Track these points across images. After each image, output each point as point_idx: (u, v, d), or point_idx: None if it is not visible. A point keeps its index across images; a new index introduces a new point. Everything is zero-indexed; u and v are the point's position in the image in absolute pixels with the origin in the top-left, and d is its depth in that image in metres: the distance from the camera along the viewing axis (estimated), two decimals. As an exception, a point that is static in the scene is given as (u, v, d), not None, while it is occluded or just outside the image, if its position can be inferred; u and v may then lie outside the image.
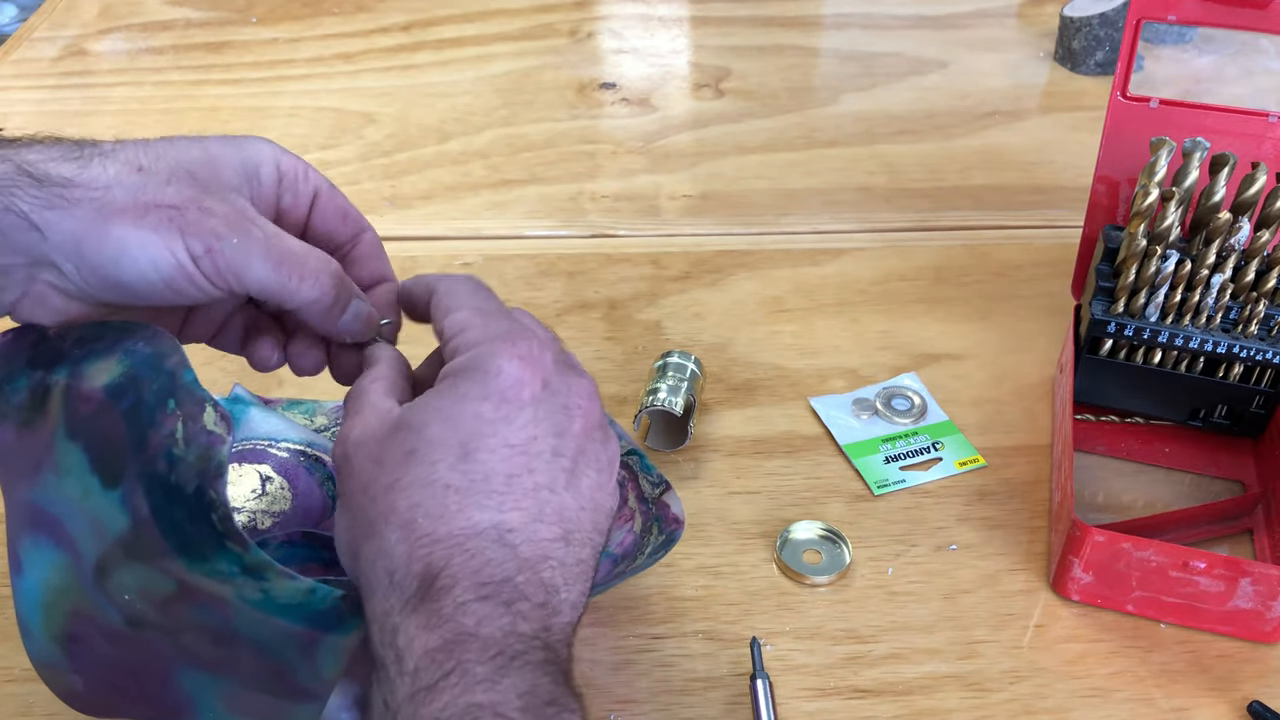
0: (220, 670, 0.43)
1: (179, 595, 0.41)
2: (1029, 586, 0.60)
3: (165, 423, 0.40)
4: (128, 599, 0.41)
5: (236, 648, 0.42)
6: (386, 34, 1.20)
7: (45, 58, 1.16)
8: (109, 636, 0.42)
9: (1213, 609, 0.56)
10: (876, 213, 0.91)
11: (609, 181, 0.96)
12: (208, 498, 0.40)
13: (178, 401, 0.40)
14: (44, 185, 0.38)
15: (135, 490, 0.40)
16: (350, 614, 0.41)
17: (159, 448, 0.40)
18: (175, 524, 0.40)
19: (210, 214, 0.40)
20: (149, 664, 0.43)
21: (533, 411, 0.40)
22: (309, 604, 0.41)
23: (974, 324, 0.79)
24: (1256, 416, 0.67)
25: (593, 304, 0.81)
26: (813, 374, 0.74)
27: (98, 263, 0.39)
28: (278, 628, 0.41)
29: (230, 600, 0.41)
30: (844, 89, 1.10)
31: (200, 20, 1.23)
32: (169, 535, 0.40)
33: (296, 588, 0.41)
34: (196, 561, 0.40)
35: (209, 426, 0.40)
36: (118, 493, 0.40)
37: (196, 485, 0.40)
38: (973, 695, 0.55)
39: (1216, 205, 0.64)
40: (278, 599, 0.41)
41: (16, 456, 0.42)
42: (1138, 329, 0.65)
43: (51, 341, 0.42)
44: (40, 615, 0.43)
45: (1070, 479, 0.60)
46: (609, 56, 1.18)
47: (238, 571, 0.40)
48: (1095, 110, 1.03)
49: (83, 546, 0.41)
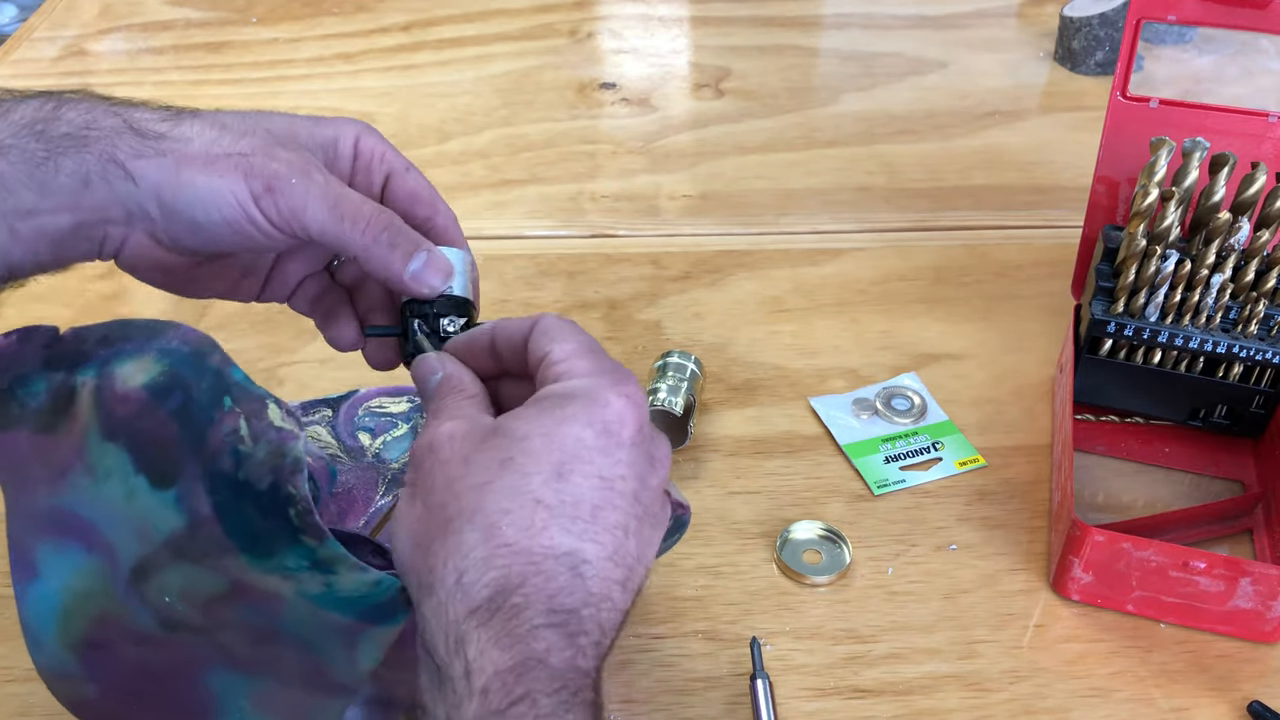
0: (254, 669, 0.42)
1: (229, 595, 0.41)
2: (1029, 586, 0.60)
3: (225, 421, 0.40)
4: (167, 601, 0.41)
5: (277, 645, 0.42)
6: (386, 34, 1.20)
7: (45, 58, 1.16)
8: (137, 640, 0.42)
9: (1213, 609, 0.57)
10: (876, 213, 0.91)
11: (609, 181, 0.96)
12: (284, 493, 0.39)
13: (234, 399, 0.40)
14: (143, 138, 0.42)
15: (195, 489, 0.40)
16: (404, 605, 0.41)
17: (221, 446, 0.39)
18: (243, 521, 0.40)
19: (275, 158, 0.43)
20: (177, 667, 0.43)
21: (628, 452, 0.39)
22: (371, 596, 0.41)
23: (974, 324, 0.79)
24: (1256, 416, 0.67)
25: (593, 304, 0.81)
26: (813, 374, 0.74)
27: (174, 208, 0.42)
28: (326, 621, 0.41)
29: (286, 597, 0.41)
30: (844, 89, 1.10)
31: (200, 20, 1.23)
32: (234, 533, 0.40)
33: (364, 580, 0.41)
34: (261, 558, 0.40)
35: (277, 423, 0.40)
36: (170, 493, 0.40)
37: (271, 481, 0.39)
38: (973, 695, 0.55)
39: (1216, 205, 0.64)
40: (340, 592, 0.41)
41: (33, 462, 0.42)
42: (1138, 329, 0.65)
43: (68, 342, 0.42)
44: (56, 623, 0.42)
45: (1070, 479, 0.60)
46: (609, 56, 1.18)
47: (306, 566, 0.40)
48: (1095, 110, 1.03)
49: (121, 549, 0.41)
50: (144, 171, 0.42)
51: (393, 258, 0.45)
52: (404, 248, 0.45)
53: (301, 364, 0.74)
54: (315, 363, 0.74)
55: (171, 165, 0.42)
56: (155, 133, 0.42)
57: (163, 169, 0.42)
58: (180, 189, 0.42)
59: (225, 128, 0.43)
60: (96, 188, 0.41)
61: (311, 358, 0.75)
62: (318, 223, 0.43)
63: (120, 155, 0.41)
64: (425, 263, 0.45)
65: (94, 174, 0.41)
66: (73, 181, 0.41)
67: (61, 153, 0.41)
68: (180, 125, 0.43)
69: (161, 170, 0.42)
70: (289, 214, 0.43)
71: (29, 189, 0.41)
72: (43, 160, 0.41)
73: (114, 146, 0.41)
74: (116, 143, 0.41)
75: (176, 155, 0.42)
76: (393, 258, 0.45)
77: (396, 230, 0.45)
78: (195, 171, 0.42)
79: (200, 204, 0.42)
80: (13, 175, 0.41)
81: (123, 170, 0.41)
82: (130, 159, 0.41)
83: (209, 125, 0.43)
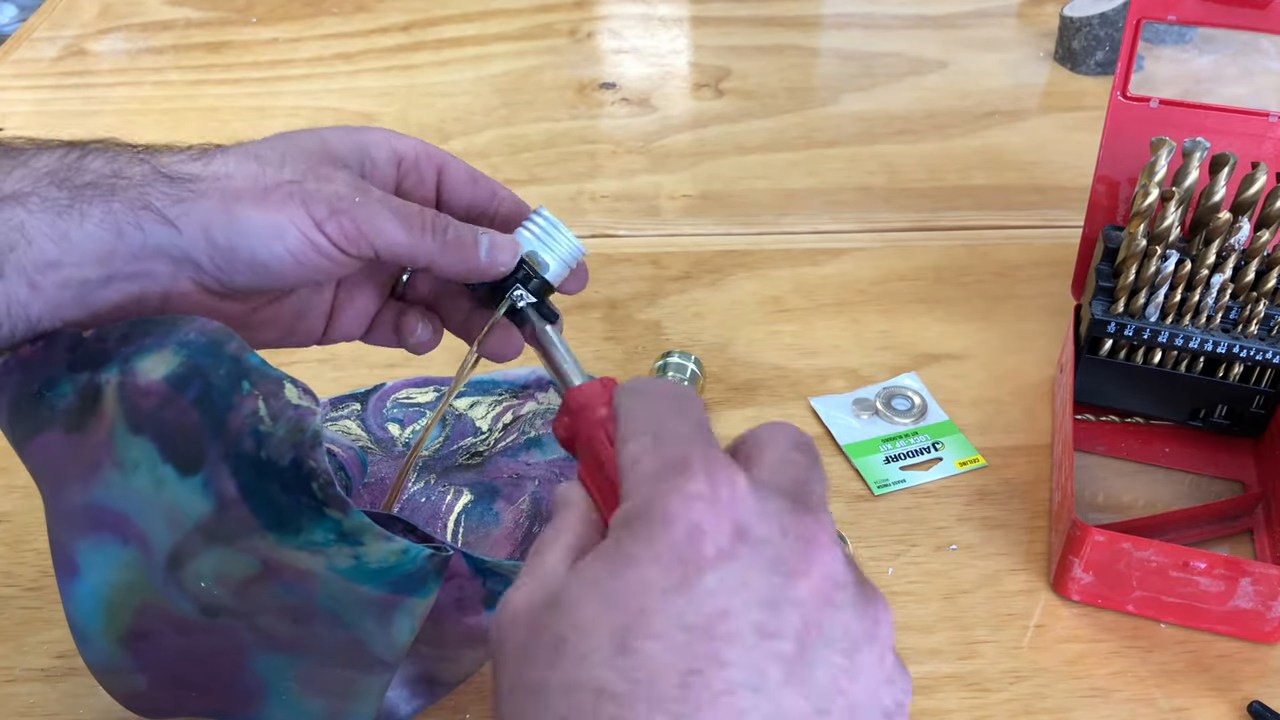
0: (296, 649, 0.43)
1: (261, 575, 0.41)
2: (1029, 586, 0.60)
3: (244, 404, 0.40)
4: (204, 586, 0.41)
5: (315, 623, 0.42)
6: (386, 34, 1.20)
7: (45, 58, 1.16)
8: (180, 628, 0.43)
9: (1213, 609, 0.56)
10: (876, 213, 0.91)
11: (609, 181, 0.96)
12: (306, 467, 0.40)
13: (252, 382, 0.40)
14: (175, 183, 0.40)
15: (219, 473, 0.40)
16: (434, 574, 0.42)
17: (242, 428, 0.40)
18: (268, 499, 0.40)
19: (329, 180, 0.41)
20: (222, 652, 0.43)
21: (723, 574, 0.28)
22: (399, 565, 0.41)
23: (974, 324, 0.79)
24: (1256, 416, 0.67)
25: (593, 304, 0.81)
26: (813, 374, 0.74)
27: (228, 247, 0.40)
28: (360, 596, 0.42)
29: (317, 573, 0.41)
30: (844, 89, 1.10)
31: (200, 20, 1.23)
32: (260, 511, 0.40)
33: (390, 549, 0.41)
34: (289, 535, 0.41)
35: (294, 401, 0.40)
36: (198, 478, 0.40)
37: (293, 457, 0.40)
38: (973, 695, 0.55)
39: (1216, 205, 0.64)
40: (369, 564, 0.41)
41: (67, 461, 0.42)
42: (1138, 329, 0.65)
43: (90, 344, 0.42)
44: (102, 618, 0.43)
45: (1070, 479, 0.60)
46: (609, 56, 1.18)
47: (333, 539, 0.41)
48: (1095, 110, 1.03)
49: (154, 539, 0.41)
50: (183, 215, 0.40)
51: (465, 252, 0.44)
52: (468, 237, 0.44)
53: (300, 364, 0.74)
54: (314, 362, 0.74)
55: (218, 205, 0.40)
56: (188, 175, 0.41)
57: (209, 210, 0.40)
58: (234, 226, 0.40)
59: (261, 158, 0.42)
60: (130, 237, 0.39)
61: (310, 357, 0.74)
62: (385, 237, 0.42)
63: (156, 202, 0.39)
64: (490, 244, 0.45)
65: (126, 223, 0.39)
66: (102, 231, 0.39)
67: (87, 201, 0.39)
68: (212, 164, 0.41)
69: (208, 211, 0.40)
70: (356, 234, 0.41)
71: (50, 239, 0.38)
72: (65, 208, 0.38)
73: (146, 194, 0.40)
74: (148, 190, 0.40)
75: (220, 193, 0.40)
76: (465, 252, 0.44)
77: (455, 225, 0.44)
78: (248, 207, 0.40)
79: (260, 239, 0.40)
80: (33, 224, 0.38)
81: (160, 217, 0.40)
82: (168, 205, 0.40)
83: (243, 158, 0.42)
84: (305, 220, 0.41)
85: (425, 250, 0.43)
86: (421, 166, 0.47)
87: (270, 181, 0.41)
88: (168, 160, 0.41)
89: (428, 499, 0.61)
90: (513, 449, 0.63)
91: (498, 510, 0.61)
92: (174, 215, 0.40)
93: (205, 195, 0.40)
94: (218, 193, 0.40)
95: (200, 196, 0.40)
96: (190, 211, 0.40)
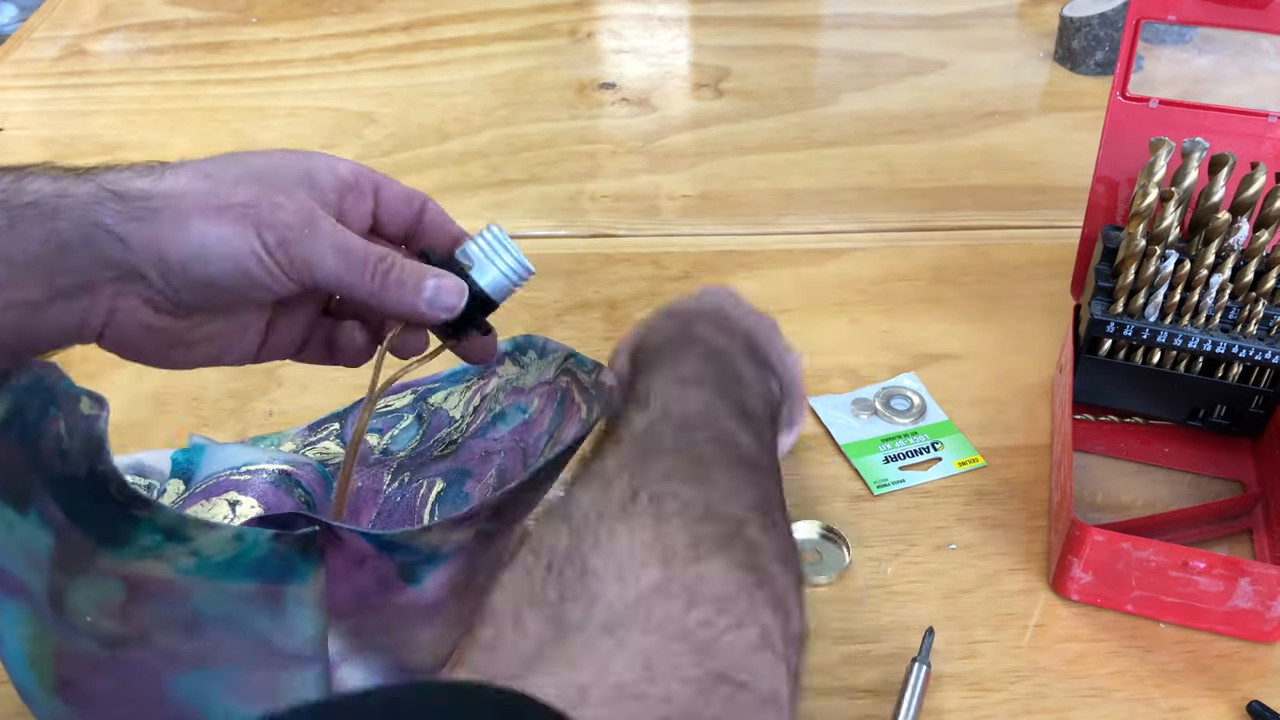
0: (207, 663, 0.42)
1: (131, 595, 0.41)
2: (1029, 586, 0.60)
3: (50, 428, 0.39)
4: (89, 620, 0.41)
5: (209, 632, 0.42)
6: (386, 34, 1.20)
7: (45, 57, 1.16)
8: (93, 668, 0.42)
9: (1212, 609, 0.57)
10: (876, 213, 0.91)
11: (609, 181, 0.96)
12: (98, 472, 0.39)
13: (58, 405, 0.40)
14: (125, 200, 0.40)
15: (46, 502, 0.40)
16: (300, 555, 0.41)
17: (51, 452, 0.39)
18: (87, 514, 0.40)
19: (281, 208, 0.42)
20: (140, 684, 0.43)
21: None
22: (244, 554, 0.41)
23: (974, 324, 0.79)
24: (1255, 416, 0.67)
25: (593, 304, 0.81)
26: (813, 374, 0.74)
27: (180, 262, 0.41)
28: (233, 594, 0.41)
29: (175, 580, 0.41)
30: (844, 89, 1.10)
31: (200, 20, 1.23)
32: (87, 530, 0.40)
33: (222, 536, 0.40)
34: (121, 547, 0.40)
35: (85, 411, 0.40)
36: (33, 514, 0.40)
37: (89, 467, 0.39)
38: (972, 695, 0.55)
39: (1216, 205, 0.64)
40: (213, 557, 0.40)
41: None
42: (1137, 329, 0.65)
43: None
44: (32, 673, 0.43)
45: (1070, 479, 0.60)
46: (609, 56, 1.18)
47: (161, 540, 0.40)
48: (1095, 110, 1.02)
49: (31, 584, 0.41)
50: (135, 231, 0.40)
51: (405, 294, 0.44)
52: (412, 281, 0.45)
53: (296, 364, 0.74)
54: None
55: (170, 220, 0.40)
56: (138, 191, 0.41)
57: (159, 226, 0.40)
58: (187, 242, 0.40)
59: (212, 177, 0.42)
60: (76, 253, 0.39)
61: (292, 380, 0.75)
62: (325, 271, 0.43)
63: (105, 219, 0.39)
64: (437, 289, 0.45)
65: (73, 240, 0.39)
66: (45, 250, 0.39)
67: (28, 221, 0.38)
68: (163, 180, 0.41)
69: (158, 228, 0.40)
70: (301, 264, 0.42)
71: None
72: (5, 229, 0.38)
73: (94, 212, 0.39)
74: (96, 209, 0.39)
75: (173, 210, 0.40)
76: (405, 294, 0.44)
77: (401, 266, 0.45)
78: (204, 223, 0.41)
79: (212, 254, 0.41)
80: None
81: (110, 234, 0.39)
82: (119, 222, 0.40)
83: (195, 176, 0.42)
84: (257, 243, 0.41)
85: (365, 288, 0.44)
86: (361, 186, 0.48)
87: (224, 201, 0.41)
88: (114, 178, 0.41)
89: (403, 498, 0.61)
90: (482, 429, 0.63)
91: (468, 491, 0.60)
92: (125, 232, 0.40)
93: (159, 212, 0.40)
94: (171, 210, 0.40)
95: (153, 214, 0.40)
96: (143, 228, 0.40)
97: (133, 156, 0.43)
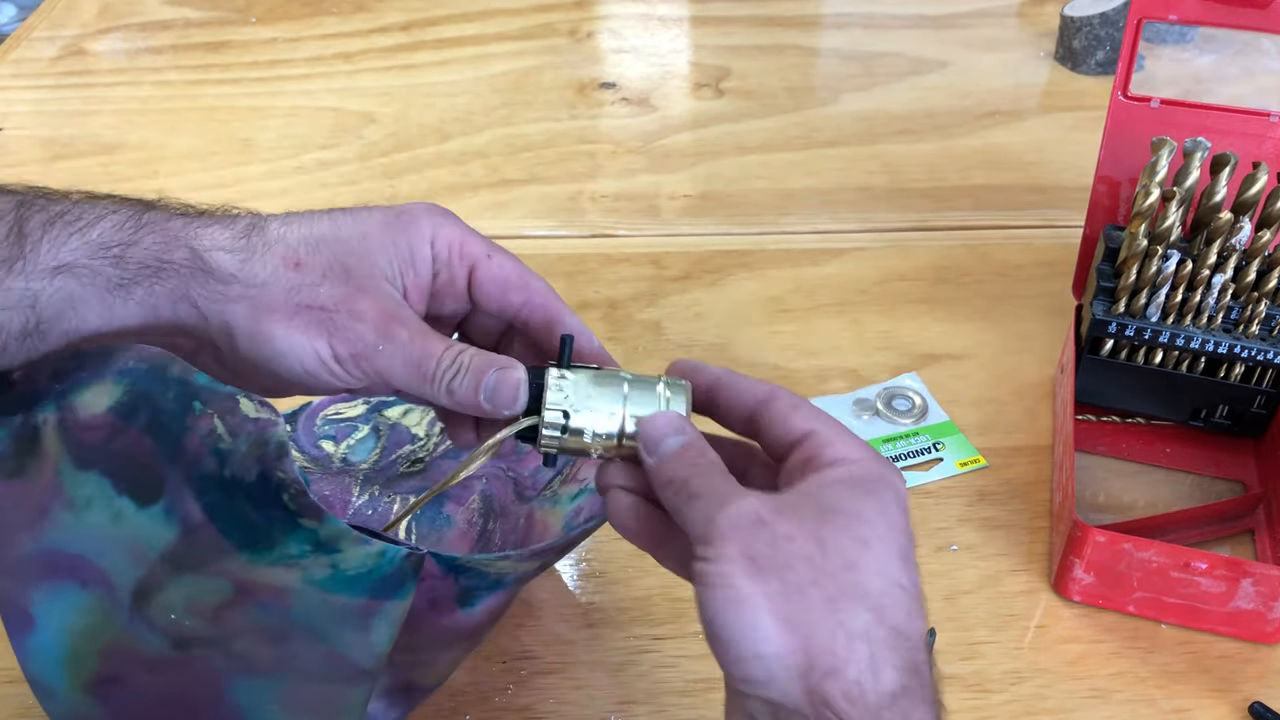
0: (275, 671, 0.42)
1: (235, 598, 0.41)
2: (1030, 587, 0.60)
3: (199, 424, 0.40)
4: (173, 619, 0.41)
5: (293, 641, 0.42)
6: (386, 34, 1.20)
7: (44, 57, 1.16)
8: (151, 666, 0.42)
9: (1214, 610, 0.56)
10: (876, 213, 0.91)
11: (609, 181, 0.96)
12: (275, 479, 0.39)
13: (204, 401, 0.40)
14: (212, 278, 0.40)
15: (182, 498, 0.40)
16: (411, 574, 0.41)
17: (201, 449, 0.39)
18: (238, 517, 0.40)
19: (359, 318, 0.41)
20: (197, 685, 0.43)
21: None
22: (378, 568, 0.41)
23: (974, 324, 0.79)
24: (1257, 417, 0.67)
25: (593, 304, 0.81)
26: (813, 374, 0.74)
27: (248, 356, 0.41)
28: (336, 606, 0.41)
29: (292, 588, 0.41)
30: (844, 89, 1.10)
31: (199, 20, 1.23)
32: (230, 531, 0.40)
33: (368, 552, 0.41)
34: (262, 552, 0.40)
35: (252, 414, 0.40)
36: (158, 506, 0.40)
37: (259, 471, 0.39)
38: (974, 696, 0.55)
39: (1217, 205, 0.64)
40: (346, 571, 0.41)
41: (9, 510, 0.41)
42: (1139, 329, 0.65)
43: (20, 385, 0.41)
44: (65, 668, 0.42)
45: (1071, 479, 0.60)
46: (609, 56, 1.17)
47: (309, 550, 0.40)
48: (1096, 110, 1.03)
49: (116, 576, 0.41)
50: (217, 316, 0.41)
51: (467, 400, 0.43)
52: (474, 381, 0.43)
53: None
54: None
55: (246, 313, 0.41)
56: (225, 273, 0.41)
57: (237, 316, 0.41)
58: (258, 339, 0.41)
59: (300, 265, 0.42)
60: (165, 316, 0.41)
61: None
62: (395, 379, 0.43)
63: (193, 294, 0.41)
64: (493, 388, 0.43)
65: (163, 306, 0.41)
66: (142, 310, 0.40)
67: (136, 283, 0.40)
68: (250, 263, 0.41)
69: (236, 317, 0.41)
70: (371, 373, 0.42)
71: (96, 312, 0.40)
72: (116, 287, 0.40)
73: (186, 285, 0.41)
74: (189, 282, 0.41)
75: (251, 303, 0.41)
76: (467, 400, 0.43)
77: (461, 375, 0.43)
78: (275, 324, 0.41)
79: (279, 357, 0.41)
80: (83, 297, 0.39)
81: (196, 310, 0.41)
82: (203, 301, 0.41)
83: (283, 264, 0.42)
84: (327, 351, 0.41)
85: (432, 395, 0.43)
86: (454, 264, 0.46)
87: (303, 300, 0.41)
88: (207, 245, 0.41)
89: (374, 511, 0.60)
90: (453, 451, 0.62)
91: (449, 513, 0.60)
92: (207, 310, 0.41)
93: (235, 301, 0.41)
94: (249, 302, 0.41)
95: (231, 301, 0.41)
96: (221, 313, 0.41)
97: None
